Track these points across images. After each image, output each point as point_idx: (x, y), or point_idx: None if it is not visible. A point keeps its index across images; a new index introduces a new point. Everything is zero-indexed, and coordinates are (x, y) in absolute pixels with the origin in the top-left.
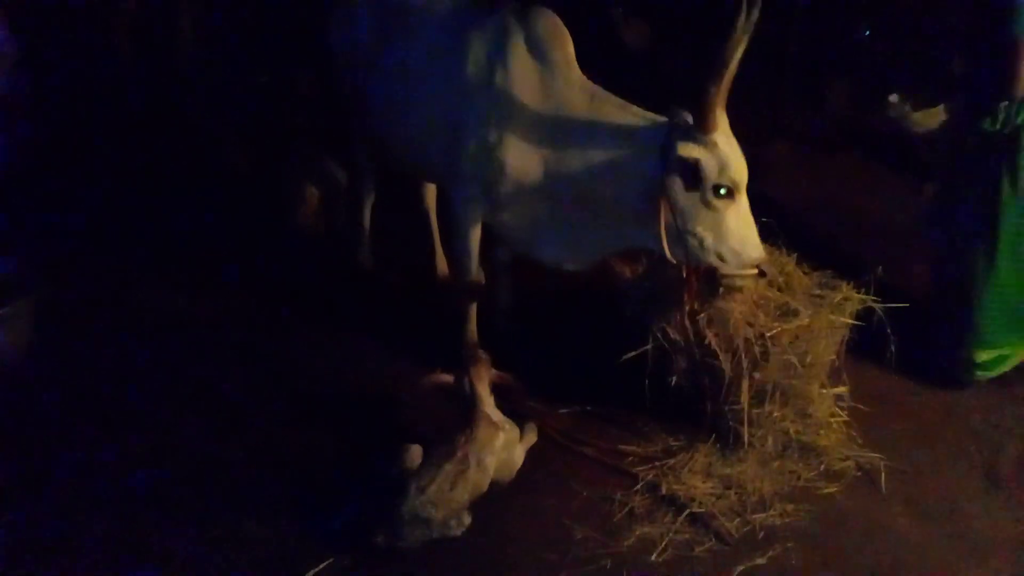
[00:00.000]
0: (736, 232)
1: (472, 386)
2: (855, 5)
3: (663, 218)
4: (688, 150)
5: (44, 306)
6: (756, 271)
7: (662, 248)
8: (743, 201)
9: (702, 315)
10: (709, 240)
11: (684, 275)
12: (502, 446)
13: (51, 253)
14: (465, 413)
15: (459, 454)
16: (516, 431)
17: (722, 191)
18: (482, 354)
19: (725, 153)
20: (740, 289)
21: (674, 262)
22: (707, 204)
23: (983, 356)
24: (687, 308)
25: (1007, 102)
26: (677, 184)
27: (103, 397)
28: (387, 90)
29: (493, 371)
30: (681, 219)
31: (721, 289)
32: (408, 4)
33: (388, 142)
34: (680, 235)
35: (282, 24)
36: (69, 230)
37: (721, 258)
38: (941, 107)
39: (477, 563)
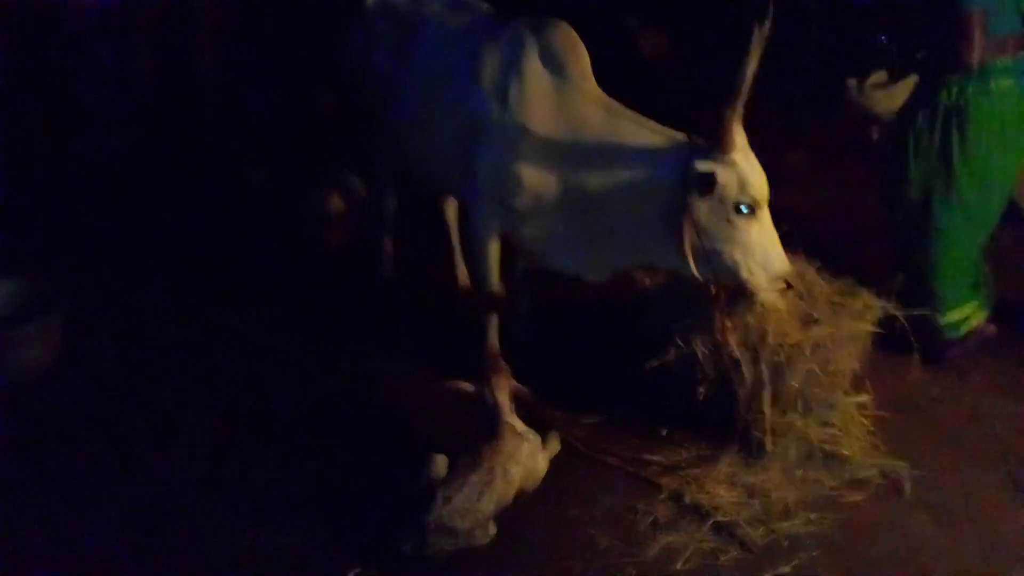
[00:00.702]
0: (761, 247)
1: (493, 396)
2: (871, 11)
3: (687, 237)
4: (704, 167)
5: (72, 321)
6: (783, 284)
7: (687, 267)
8: (765, 216)
9: (728, 327)
10: (736, 257)
11: (712, 292)
12: (527, 455)
13: (78, 269)
14: (488, 423)
15: (485, 465)
16: (538, 439)
17: (743, 208)
18: (503, 364)
19: (745, 170)
20: (769, 303)
21: (701, 280)
22: (730, 222)
23: (949, 318)
24: (718, 324)
25: (960, 75)
26: (699, 203)
27: (129, 410)
28: (405, 105)
29: (513, 382)
30: (706, 238)
31: (751, 304)
32: (426, 18)
33: (408, 157)
34: (706, 254)
35: (303, 39)
36: (96, 246)
37: (749, 273)
38: (900, 87)
39: (501, 572)
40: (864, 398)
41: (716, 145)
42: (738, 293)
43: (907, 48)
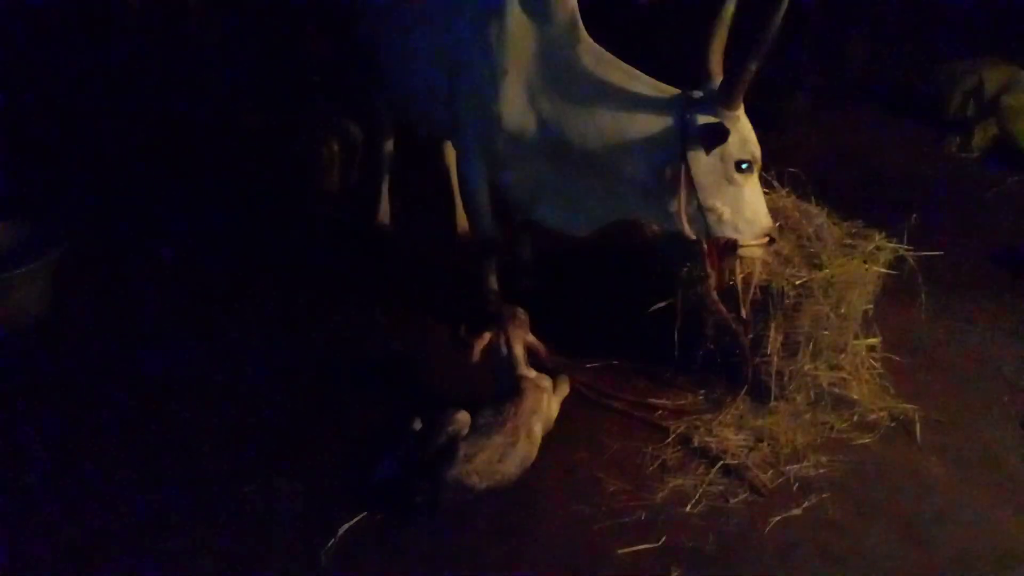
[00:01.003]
0: (750, 204)
1: (510, 348)
2: None
3: (682, 193)
4: (710, 119)
5: (62, 266)
6: (767, 239)
7: (675, 222)
8: (756, 175)
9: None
10: (728, 213)
11: (704, 248)
12: (547, 407)
13: (70, 214)
14: (509, 378)
15: (508, 425)
16: (550, 383)
17: (743, 166)
18: (519, 312)
19: (747, 128)
20: (755, 257)
21: (690, 236)
22: (730, 179)
23: None
24: (712, 280)
25: None
26: (701, 158)
27: (125, 357)
28: (398, 42)
29: (528, 334)
30: (702, 194)
31: (735, 257)
32: None
33: (400, 95)
34: (698, 209)
35: None
36: (89, 191)
37: (737, 230)
38: None
39: (510, 518)
40: (874, 341)
41: (725, 101)
42: (729, 248)
43: None
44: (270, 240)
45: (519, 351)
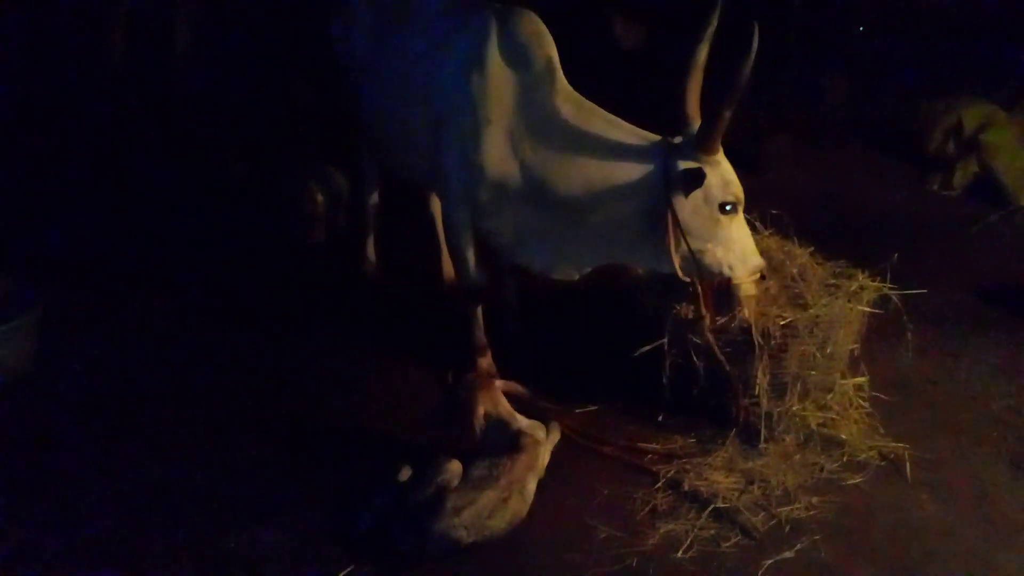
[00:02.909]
0: (740, 243)
1: (497, 408)
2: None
3: (671, 236)
4: (690, 165)
5: (47, 319)
6: (759, 276)
7: (667, 265)
8: (742, 215)
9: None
10: (719, 253)
11: (699, 290)
12: (543, 461)
13: (52, 266)
14: (504, 434)
15: (502, 481)
16: (544, 431)
17: (727, 207)
18: (483, 370)
19: (727, 170)
20: (748, 293)
21: (683, 278)
22: (715, 220)
23: None
24: (707, 321)
25: None
26: (685, 202)
27: (111, 405)
28: (382, 92)
29: (503, 383)
30: (691, 237)
31: (731, 297)
32: (406, 4)
33: (385, 146)
34: (689, 252)
35: (282, 28)
36: (70, 242)
37: (730, 268)
38: None
39: (499, 567)
40: (861, 380)
41: (702, 147)
42: (725, 289)
43: None
44: (255, 288)
45: (505, 407)
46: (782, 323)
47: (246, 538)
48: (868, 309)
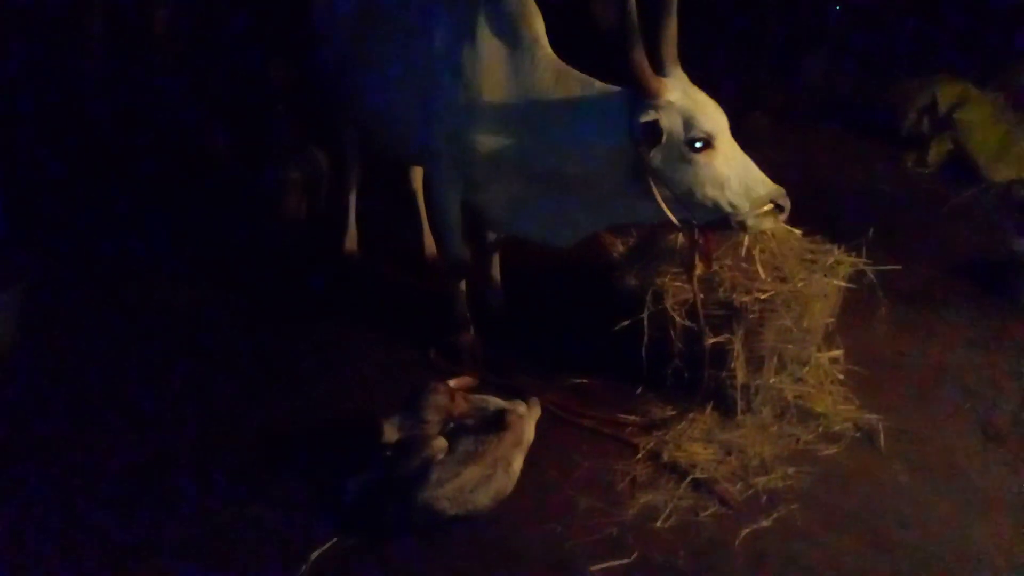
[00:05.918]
0: (734, 176)
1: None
2: None
3: (656, 189)
4: (647, 117)
5: (31, 296)
6: (772, 206)
7: (666, 217)
8: (726, 145)
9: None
10: (711, 193)
11: (695, 237)
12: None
13: (36, 243)
14: (492, 411)
15: (488, 458)
16: (525, 408)
17: (697, 144)
18: (437, 388)
19: (687, 107)
20: (762, 229)
21: (684, 227)
22: (689, 161)
23: None
24: (697, 271)
25: None
26: (653, 152)
27: (95, 381)
28: (367, 70)
29: (453, 380)
30: (672, 184)
31: (746, 234)
32: None
33: (369, 124)
34: (679, 199)
35: (262, 6)
36: (54, 220)
37: (730, 205)
38: None
39: (484, 538)
40: (837, 353)
41: (643, 91)
42: (726, 228)
43: None
44: (237, 269)
45: (471, 401)
46: (762, 297)
47: (232, 512)
48: (844, 284)
